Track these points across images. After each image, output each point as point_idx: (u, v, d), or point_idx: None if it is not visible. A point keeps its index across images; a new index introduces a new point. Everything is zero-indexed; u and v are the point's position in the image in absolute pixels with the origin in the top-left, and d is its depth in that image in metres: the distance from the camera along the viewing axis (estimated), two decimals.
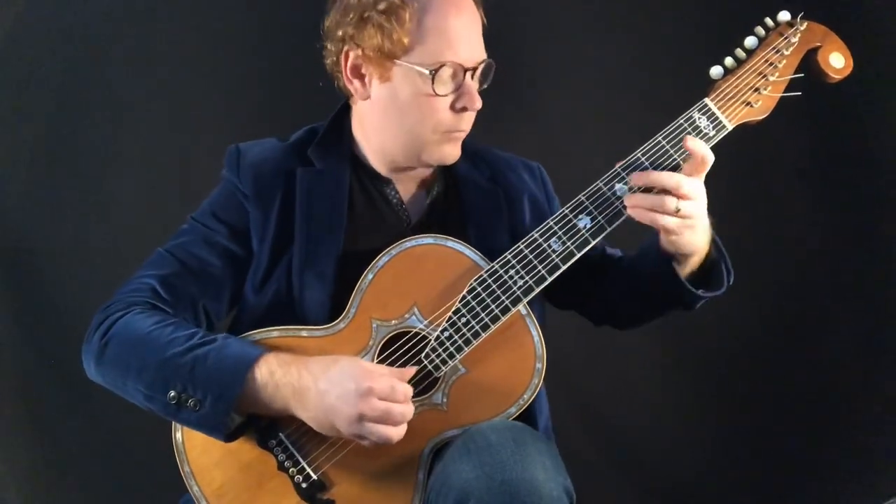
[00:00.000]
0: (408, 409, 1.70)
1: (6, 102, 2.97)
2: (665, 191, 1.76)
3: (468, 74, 1.87)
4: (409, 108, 1.88)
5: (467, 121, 1.92)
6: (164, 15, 3.02)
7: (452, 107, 1.88)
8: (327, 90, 2.04)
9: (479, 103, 1.89)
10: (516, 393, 1.77)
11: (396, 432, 1.70)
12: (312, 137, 2.01)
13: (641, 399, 3.10)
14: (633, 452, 3.19)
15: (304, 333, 1.83)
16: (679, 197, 1.74)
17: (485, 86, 1.93)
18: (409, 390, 1.72)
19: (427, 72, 1.83)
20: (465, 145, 2.00)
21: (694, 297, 1.88)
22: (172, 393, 1.72)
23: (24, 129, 2.99)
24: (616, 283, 2.04)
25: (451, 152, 1.94)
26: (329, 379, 1.70)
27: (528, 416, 1.82)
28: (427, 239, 1.85)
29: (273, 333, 1.83)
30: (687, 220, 1.77)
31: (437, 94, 1.85)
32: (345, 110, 2.04)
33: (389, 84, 1.88)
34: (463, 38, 1.86)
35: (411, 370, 1.76)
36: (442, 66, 1.83)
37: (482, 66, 1.90)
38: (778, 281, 3.08)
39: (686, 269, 1.87)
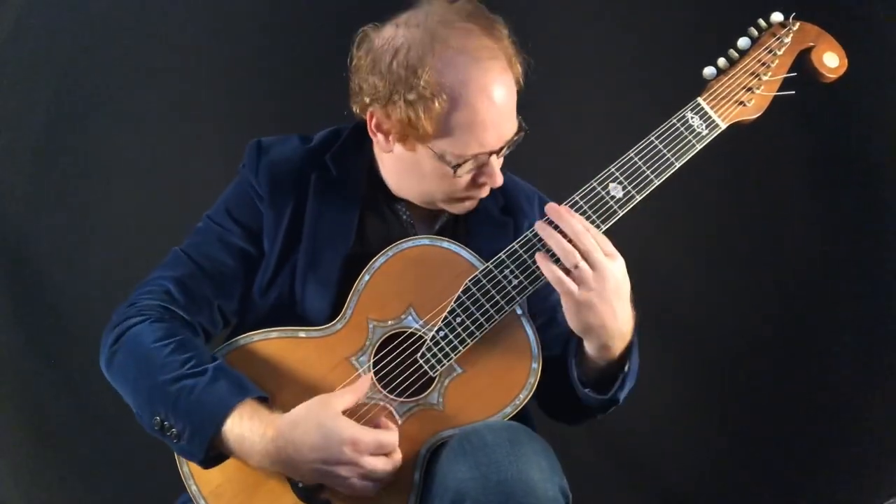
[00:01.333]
0: (391, 463, 1.72)
1: (6, 102, 2.98)
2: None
3: (493, 156, 1.84)
4: (429, 178, 1.86)
5: (486, 190, 1.90)
6: (164, 15, 3.03)
7: (473, 182, 1.87)
8: (328, 91, 2.04)
9: (499, 181, 1.87)
10: (512, 392, 1.78)
11: (376, 487, 1.73)
12: (335, 141, 2.00)
13: (640, 399, 3.09)
14: (631, 453, 3.20)
15: (301, 334, 1.84)
16: (581, 252, 1.69)
17: (509, 150, 1.88)
18: (388, 439, 1.73)
19: (450, 166, 1.81)
20: None
21: (578, 392, 1.83)
22: (157, 419, 1.74)
23: (24, 129, 3.00)
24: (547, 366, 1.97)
25: (469, 206, 1.93)
26: (312, 447, 1.69)
27: (524, 416, 1.82)
28: (423, 240, 1.86)
29: (272, 335, 1.85)
30: (582, 286, 1.69)
31: (457, 176, 1.83)
32: None
33: (412, 154, 1.85)
34: (492, 128, 1.80)
35: (393, 431, 1.75)
36: (466, 160, 1.81)
37: (510, 140, 1.86)
38: (777, 281, 3.08)
39: (590, 366, 1.81)
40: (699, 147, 1.85)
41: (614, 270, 1.71)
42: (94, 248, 3.01)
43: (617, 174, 1.82)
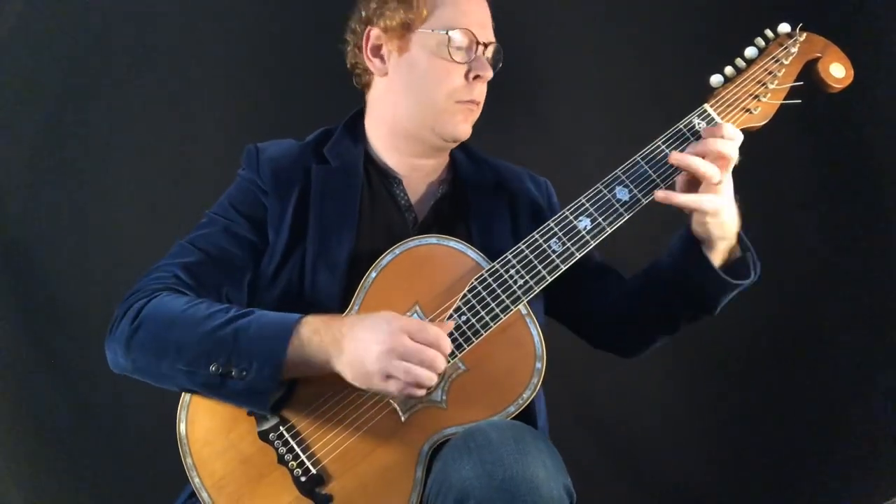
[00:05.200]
0: (439, 357, 1.71)
1: (6, 102, 2.97)
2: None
3: (480, 48, 1.97)
4: (425, 75, 1.98)
5: (479, 92, 2.01)
6: (164, 15, 3.03)
7: (466, 76, 1.97)
8: (329, 94, 2.06)
9: (490, 73, 1.99)
10: (516, 392, 1.79)
11: (426, 375, 1.69)
12: (328, 138, 2.08)
13: (642, 399, 3.11)
14: (633, 452, 3.20)
15: None
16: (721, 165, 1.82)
17: (499, 65, 2.04)
18: (441, 335, 1.72)
19: (444, 33, 1.94)
20: (475, 154, 2.09)
21: (721, 286, 1.88)
22: (214, 366, 1.73)
23: (24, 129, 2.99)
24: (623, 296, 2.05)
25: (463, 126, 2.02)
26: (362, 326, 1.72)
27: (528, 416, 1.83)
28: (430, 239, 1.88)
29: None
30: (722, 194, 1.82)
31: (452, 60, 1.95)
32: (359, 114, 2.12)
33: (408, 55, 2.00)
34: (475, 13, 2.00)
35: (450, 324, 1.78)
36: (456, 29, 1.94)
37: (493, 46, 2.02)
38: (778, 283, 3.08)
39: (715, 259, 1.89)
40: None
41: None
42: (94, 248, 2.99)
43: (623, 178, 1.85)
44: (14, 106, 2.98)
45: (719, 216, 1.82)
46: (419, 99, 2.00)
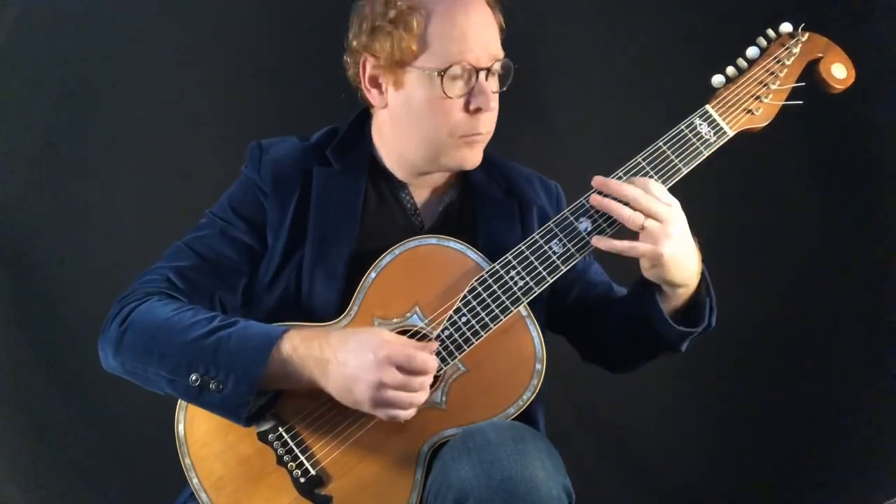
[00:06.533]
0: (425, 381, 1.71)
1: (6, 102, 2.97)
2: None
3: (481, 74, 1.86)
4: (423, 113, 1.89)
5: (484, 123, 1.91)
6: (166, 15, 3.03)
7: (466, 108, 1.87)
8: (332, 91, 2.05)
9: (493, 103, 1.88)
10: (515, 393, 1.78)
11: (415, 401, 1.71)
12: (333, 138, 2.03)
13: (641, 400, 3.11)
14: (632, 453, 3.21)
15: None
16: (644, 213, 1.75)
17: (503, 88, 1.92)
18: (429, 360, 1.72)
19: (436, 73, 1.84)
20: (485, 157, 2.00)
21: (671, 332, 1.85)
22: (195, 376, 1.72)
23: (25, 129, 2.99)
24: (605, 318, 2.03)
25: (471, 157, 1.93)
26: (348, 350, 1.70)
27: (528, 418, 1.83)
28: (430, 239, 1.87)
29: None
30: (658, 243, 1.74)
31: (447, 96, 1.85)
32: (365, 113, 2.06)
33: (403, 91, 1.89)
34: (471, 38, 1.85)
35: (433, 345, 1.76)
36: (450, 66, 1.84)
37: (497, 64, 1.89)
38: (779, 283, 3.09)
39: (672, 303, 1.85)
40: (707, 153, 1.86)
41: (677, 215, 1.77)
42: (94, 248, 3.00)
43: (624, 178, 1.84)
44: (14, 106, 2.98)
45: (661, 262, 1.75)
46: (421, 136, 1.91)
